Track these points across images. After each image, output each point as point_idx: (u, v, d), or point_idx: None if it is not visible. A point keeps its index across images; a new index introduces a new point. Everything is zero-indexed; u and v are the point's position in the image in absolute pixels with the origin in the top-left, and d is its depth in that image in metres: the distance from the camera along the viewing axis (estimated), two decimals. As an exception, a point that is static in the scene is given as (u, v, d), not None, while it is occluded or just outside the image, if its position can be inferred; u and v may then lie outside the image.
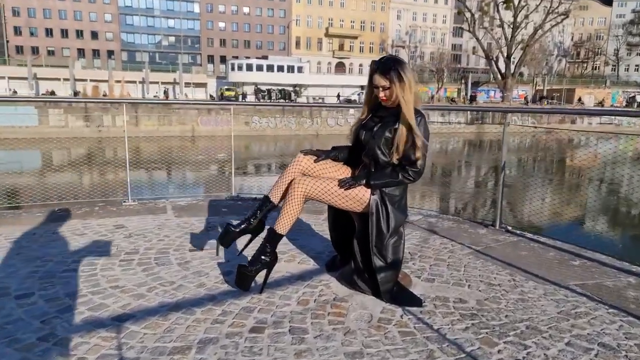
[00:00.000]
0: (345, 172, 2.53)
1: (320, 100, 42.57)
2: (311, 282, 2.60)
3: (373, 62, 2.37)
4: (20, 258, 2.81)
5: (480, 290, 2.59)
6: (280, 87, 44.17)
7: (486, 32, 50.82)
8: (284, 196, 2.44)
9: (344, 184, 2.34)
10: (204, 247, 3.09)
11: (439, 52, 58.39)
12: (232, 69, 45.41)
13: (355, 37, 64.94)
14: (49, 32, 52.37)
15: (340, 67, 63.96)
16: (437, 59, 56.53)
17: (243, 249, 2.55)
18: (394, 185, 2.37)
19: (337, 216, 2.66)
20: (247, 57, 50.06)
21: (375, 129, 2.38)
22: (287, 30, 60.99)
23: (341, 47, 64.80)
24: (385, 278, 2.39)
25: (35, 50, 50.01)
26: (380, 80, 2.31)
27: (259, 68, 45.85)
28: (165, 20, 57.37)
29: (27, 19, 51.31)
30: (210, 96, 43.97)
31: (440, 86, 52.66)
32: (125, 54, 55.68)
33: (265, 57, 49.72)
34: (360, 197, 2.37)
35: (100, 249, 3.02)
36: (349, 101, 41.52)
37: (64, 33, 53.10)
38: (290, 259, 2.96)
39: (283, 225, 2.39)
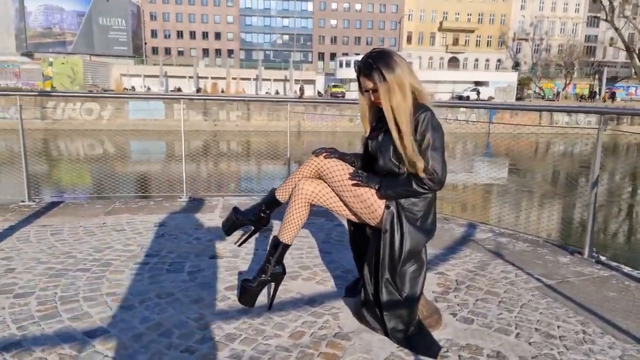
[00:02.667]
0: None
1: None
2: (319, 308, 2.25)
3: (355, 63, 1.94)
4: (49, 252, 2.88)
5: (530, 344, 2.01)
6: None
7: (627, 21, 44.51)
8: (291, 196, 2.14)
9: (355, 176, 1.97)
10: (225, 256, 2.90)
11: (569, 45, 52.66)
12: (340, 65, 45.76)
13: (472, 31, 61.29)
14: (179, 34, 57.70)
15: (453, 63, 60.97)
16: (566, 52, 51.09)
17: (242, 242, 2.31)
18: (409, 195, 1.93)
19: (358, 228, 2.26)
20: (357, 54, 50.04)
21: (380, 138, 1.97)
22: (398, 26, 59.76)
23: (455, 42, 61.64)
24: (396, 315, 1.96)
25: (167, 51, 55.51)
26: (367, 83, 1.90)
27: (366, 64, 45.47)
28: (281, 19, 59.76)
29: (162, 23, 57.07)
30: (318, 93, 44.86)
31: (568, 82, 47.49)
32: (243, 52, 59.23)
33: (374, 53, 49.11)
34: (373, 208, 1.97)
35: (125, 248, 2.98)
36: (460, 98, 39.27)
37: (192, 35, 58.07)
38: (310, 277, 2.63)
39: (286, 234, 2.10)
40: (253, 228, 2.25)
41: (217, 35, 58.61)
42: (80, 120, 27.21)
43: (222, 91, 42.65)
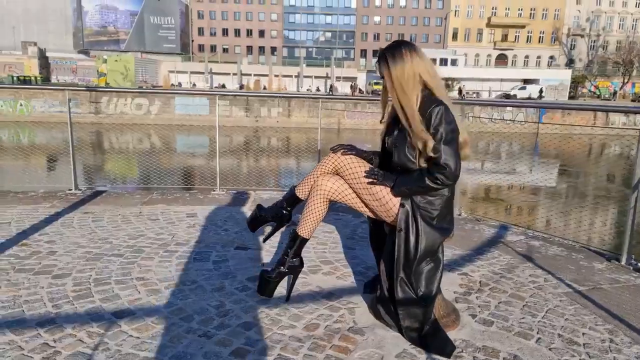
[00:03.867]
0: None
1: (474, 96, 39.85)
2: (337, 302, 2.28)
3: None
4: (88, 237, 3.06)
5: (550, 349, 1.96)
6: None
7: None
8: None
9: (370, 174, 1.99)
10: (250, 246, 2.98)
11: (628, 41, 49.79)
12: (383, 62, 45.25)
13: (522, 27, 59.01)
14: (225, 32, 58.94)
15: (501, 60, 58.99)
16: (624, 48, 48.34)
17: (267, 238, 2.38)
18: (423, 192, 1.92)
19: (377, 224, 2.27)
20: (400, 51, 49.28)
21: (395, 133, 1.97)
22: (444, 22, 58.49)
23: (504, 38, 59.56)
24: (411, 313, 1.96)
25: (213, 48, 56.84)
26: (381, 71, 1.93)
27: (409, 61, 44.82)
28: (324, 16, 59.81)
29: (209, 21, 58.49)
30: (359, 90, 44.63)
31: (626, 80, 44.93)
32: (285, 50, 59.78)
33: (417, 50, 48.38)
34: (388, 206, 1.98)
35: (157, 236, 3.12)
36: (507, 96, 38.03)
37: (237, 32, 59.17)
38: (330, 272, 2.66)
39: (305, 228, 2.13)
40: (276, 224, 2.29)
41: (261, 33, 59.41)
42: (131, 115, 28.40)
43: (264, 88, 43.28)
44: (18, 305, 2.10)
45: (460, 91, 39.62)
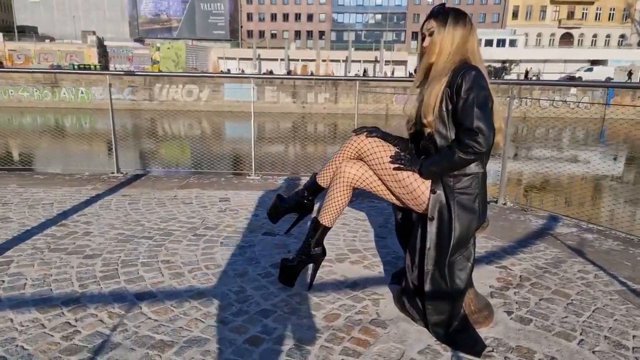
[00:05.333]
0: None
1: (534, 78, 37.80)
2: (361, 293, 2.18)
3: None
4: (123, 219, 3.12)
5: (594, 352, 1.78)
6: (486, 63, 40.81)
7: None
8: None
9: (396, 159, 1.85)
10: (278, 232, 2.92)
11: None
12: (435, 44, 43.80)
13: (591, 3, 54.86)
14: (273, 17, 59.11)
15: (566, 39, 55.40)
16: None
17: (289, 229, 2.28)
18: (454, 168, 1.76)
19: (404, 213, 2.14)
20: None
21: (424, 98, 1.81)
22: (503, 0, 55.69)
23: (570, 15, 55.64)
24: (439, 309, 1.83)
25: (261, 34, 57.26)
26: (429, 24, 1.81)
27: (462, 43, 43.10)
28: (374, -2, 58.68)
29: (257, 6, 58.79)
30: (409, 74, 43.53)
31: None
32: (334, 34, 59.18)
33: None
34: (416, 194, 1.84)
35: (188, 220, 3.13)
36: (572, 79, 35.71)
37: (285, 17, 59.16)
38: (358, 261, 2.56)
39: (327, 216, 2.04)
40: (298, 215, 2.21)
41: (309, 17, 59.06)
42: (182, 102, 29.25)
43: (312, 73, 43.16)
44: (47, 284, 2.16)
45: (526, 74, 37.68)
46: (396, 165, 1.86)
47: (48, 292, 2.08)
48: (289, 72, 42.33)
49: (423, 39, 1.84)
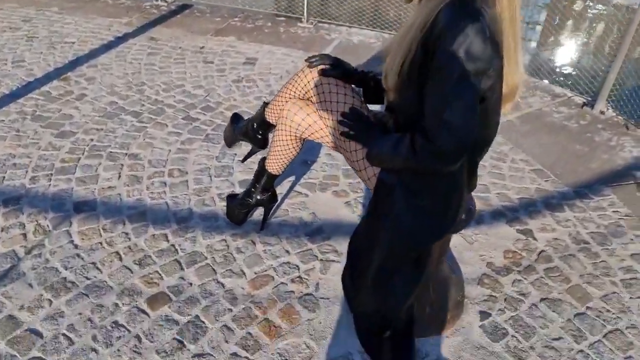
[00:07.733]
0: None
1: None
2: (317, 247, 1.81)
3: None
4: (127, 79, 2.86)
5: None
6: None
7: None
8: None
9: (350, 119, 1.26)
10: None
11: None
12: None
13: None
14: None
15: None
16: None
17: (244, 159, 1.87)
18: (397, 164, 1.10)
19: None
20: None
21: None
22: None
23: None
24: (362, 301, 1.41)
25: None
26: None
27: None
28: None
29: None
30: None
31: None
32: None
33: None
34: (363, 175, 1.30)
35: (193, 91, 2.78)
36: None
37: None
38: (343, 193, 2.10)
39: (272, 164, 1.63)
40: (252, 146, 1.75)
41: None
42: None
43: None
44: (3, 170, 2.08)
45: None
46: (344, 130, 1.26)
47: (-1, 182, 2.01)
48: None
49: None
